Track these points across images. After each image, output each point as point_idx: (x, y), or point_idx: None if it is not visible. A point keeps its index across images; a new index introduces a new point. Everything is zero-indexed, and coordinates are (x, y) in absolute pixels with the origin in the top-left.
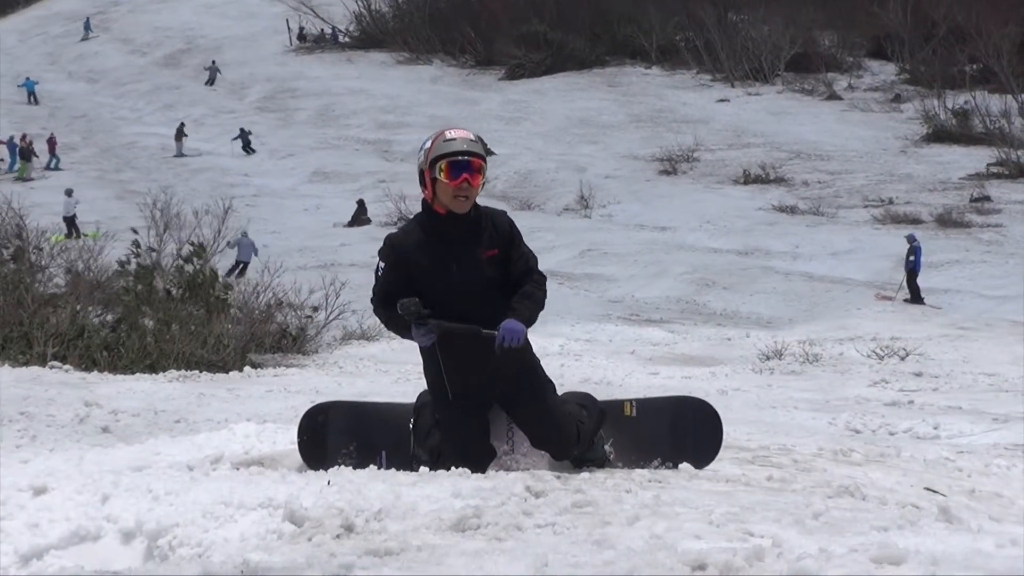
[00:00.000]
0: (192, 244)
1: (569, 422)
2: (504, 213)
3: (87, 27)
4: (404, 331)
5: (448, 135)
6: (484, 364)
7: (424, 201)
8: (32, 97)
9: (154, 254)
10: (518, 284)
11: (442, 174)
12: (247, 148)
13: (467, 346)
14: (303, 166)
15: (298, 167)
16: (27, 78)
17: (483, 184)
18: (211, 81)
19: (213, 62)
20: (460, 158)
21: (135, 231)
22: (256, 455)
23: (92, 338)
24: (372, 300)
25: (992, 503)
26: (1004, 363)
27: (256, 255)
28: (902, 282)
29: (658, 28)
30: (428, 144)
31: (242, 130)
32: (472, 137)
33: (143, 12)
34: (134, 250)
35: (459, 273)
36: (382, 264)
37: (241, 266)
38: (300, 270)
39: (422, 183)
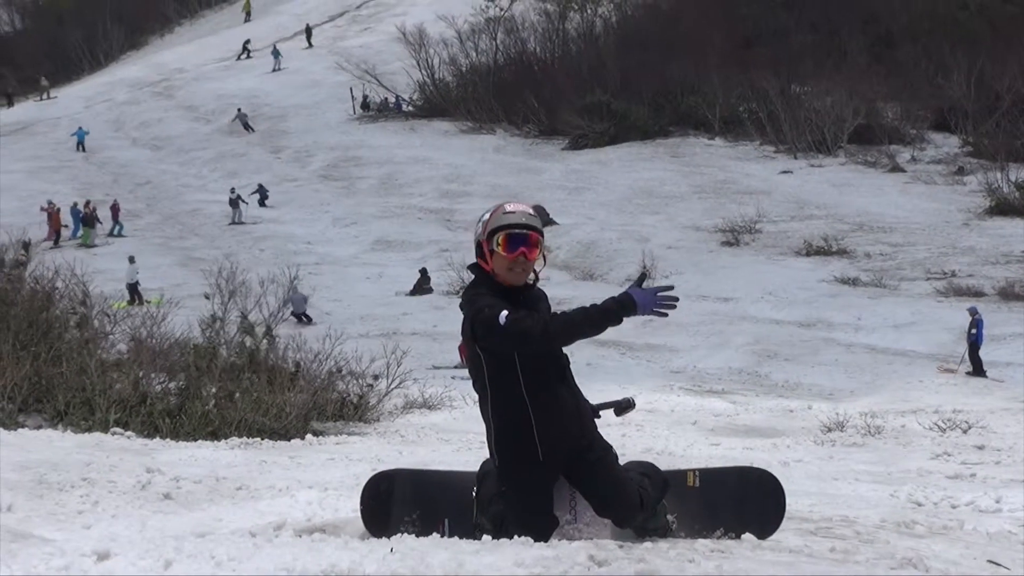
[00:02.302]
0: (245, 318)
1: (632, 488)
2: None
3: (276, 54)
4: (601, 319)
5: (507, 208)
6: (575, 422)
7: (484, 273)
8: (80, 146)
9: (219, 322)
10: None
11: (499, 247)
12: (262, 203)
13: (560, 403)
14: (366, 234)
15: (361, 235)
16: (79, 127)
17: (541, 257)
18: (247, 127)
19: (239, 109)
20: (518, 231)
21: (207, 296)
22: (318, 522)
23: (154, 405)
24: (519, 332)
25: None
26: None
27: (307, 303)
28: (964, 355)
29: (721, 99)
30: (487, 216)
31: (260, 186)
32: (531, 211)
33: (208, 80)
34: (207, 323)
35: None
36: (487, 302)
37: (303, 316)
38: (362, 338)
39: (479, 254)
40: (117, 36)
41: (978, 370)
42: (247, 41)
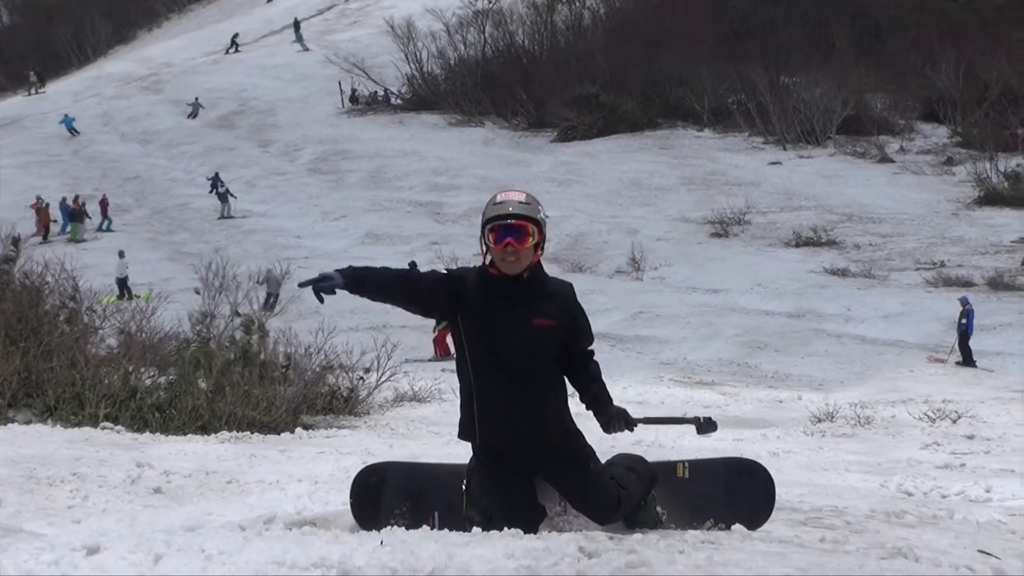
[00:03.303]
0: (244, 315)
1: (608, 491)
2: (570, 285)
3: (299, 36)
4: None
5: (498, 198)
6: (517, 420)
7: (482, 263)
8: (73, 131)
9: (208, 318)
10: (577, 362)
11: (491, 239)
12: (216, 187)
13: (503, 397)
14: (355, 228)
15: (350, 229)
16: (65, 115)
17: (535, 244)
18: (194, 115)
19: (196, 98)
20: (505, 222)
21: (198, 291)
22: (308, 515)
23: (144, 399)
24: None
25: None
26: None
27: (281, 285)
28: (954, 345)
29: (710, 91)
30: (484, 208)
31: (216, 175)
32: (522, 199)
33: (196, 73)
34: (198, 319)
35: (506, 333)
36: (443, 269)
37: (272, 299)
38: (352, 331)
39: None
40: (105, 30)
41: (968, 360)
42: (235, 35)
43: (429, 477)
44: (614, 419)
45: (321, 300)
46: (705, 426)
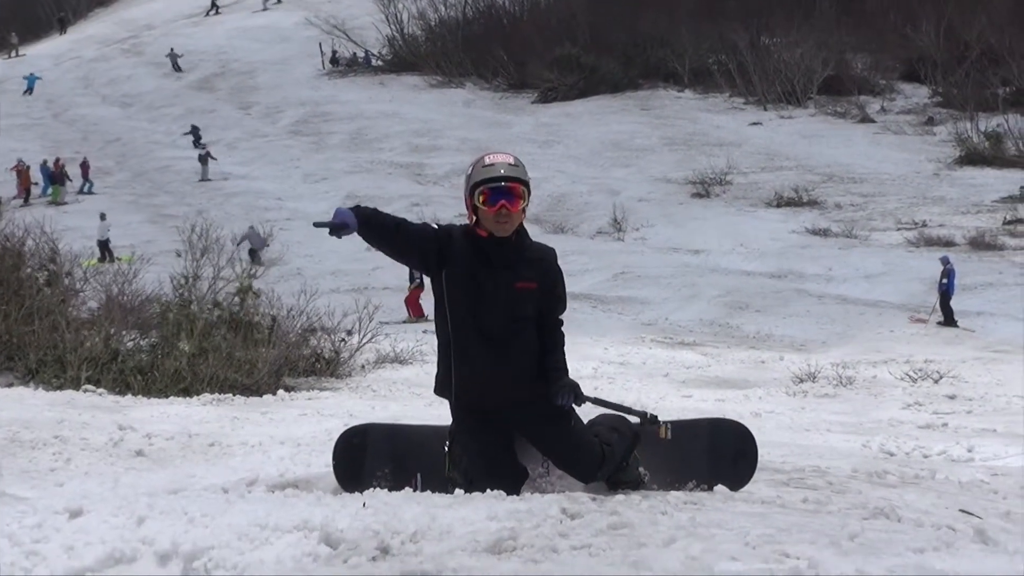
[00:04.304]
0: (241, 283)
1: (591, 447)
2: (553, 251)
3: None
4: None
5: (487, 160)
6: (494, 378)
7: (467, 223)
8: (29, 91)
9: (191, 280)
10: (544, 328)
11: (481, 201)
12: (197, 143)
13: (481, 356)
14: (336, 190)
15: (331, 191)
16: (31, 73)
17: (525, 208)
18: (176, 67)
19: (172, 49)
20: (498, 184)
21: (179, 254)
22: (291, 478)
23: (126, 362)
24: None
25: None
26: None
27: (267, 244)
28: (935, 305)
29: (691, 51)
30: (470, 170)
31: (193, 127)
32: (512, 161)
33: (176, 36)
34: (178, 281)
35: (489, 295)
36: (433, 224)
37: (256, 254)
38: (333, 293)
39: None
40: None
41: (949, 320)
42: None
43: (411, 439)
44: (564, 389)
45: (338, 236)
46: (651, 424)
